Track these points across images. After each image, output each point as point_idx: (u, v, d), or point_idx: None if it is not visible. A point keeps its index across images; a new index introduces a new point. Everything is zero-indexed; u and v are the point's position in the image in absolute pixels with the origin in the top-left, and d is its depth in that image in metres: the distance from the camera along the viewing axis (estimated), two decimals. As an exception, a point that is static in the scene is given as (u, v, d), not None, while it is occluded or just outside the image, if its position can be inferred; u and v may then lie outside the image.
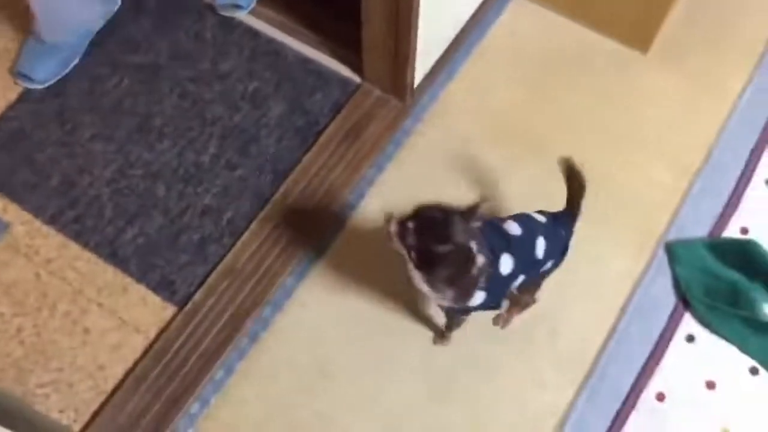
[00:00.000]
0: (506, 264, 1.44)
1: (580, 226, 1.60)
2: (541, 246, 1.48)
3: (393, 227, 1.39)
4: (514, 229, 1.49)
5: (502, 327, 1.75)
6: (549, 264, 1.53)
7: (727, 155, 1.96)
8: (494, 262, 1.41)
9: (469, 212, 1.38)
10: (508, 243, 1.45)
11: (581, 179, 1.46)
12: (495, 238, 1.44)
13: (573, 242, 1.59)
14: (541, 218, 1.52)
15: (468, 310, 1.54)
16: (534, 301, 1.70)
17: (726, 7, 2.16)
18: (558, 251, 1.53)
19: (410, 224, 1.37)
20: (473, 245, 1.37)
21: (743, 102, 2.02)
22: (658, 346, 1.75)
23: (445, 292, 1.41)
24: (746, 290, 1.77)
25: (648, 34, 2.02)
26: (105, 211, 1.87)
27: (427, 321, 1.76)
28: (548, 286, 1.66)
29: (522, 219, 1.52)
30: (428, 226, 1.36)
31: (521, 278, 1.50)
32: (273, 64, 2.07)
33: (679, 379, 1.73)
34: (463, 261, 1.36)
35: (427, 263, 1.37)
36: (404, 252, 1.40)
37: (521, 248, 1.46)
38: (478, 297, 1.44)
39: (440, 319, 1.70)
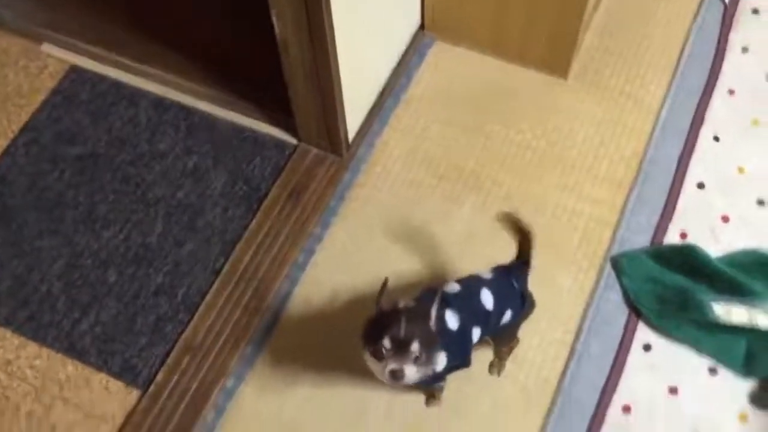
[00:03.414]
0: (452, 319, 1.45)
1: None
2: (487, 298, 1.49)
3: (369, 359, 1.38)
4: (452, 288, 1.52)
5: (499, 374, 1.76)
6: (509, 314, 1.54)
7: (657, 165, 2.03)
8: (440, 319, 1.42)
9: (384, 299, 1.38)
10: (447, 301, 1.46)
11: (526, 229, 1.49)
12: (430, 298, 1.44)
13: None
14: (487, 274, 1.55)
15: (438, 377, 1.54)
16: (517, 341, 1.73)
17: (635, 25, 2.25)
18: (515, 301, 1.54)
19: (386, 342, 1.33)
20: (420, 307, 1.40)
21: (664, 112, 2.10)
22: (618, 360, 1.78)
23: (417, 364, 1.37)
24: (693, 293, 1.81)
25: (564, 61, 2.09)
26: (58, 305, 1.88)
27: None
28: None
29: (462, 279, 1.55)
30: (397, 338, 1.34)
31: (477, 331, 1.50)
32: (209, 138, 2.11)
33: (642, 389, 1.76)
34: (422, 324, 1.37)
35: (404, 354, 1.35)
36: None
37: (463, 302, 1.48)
38: (441, 358, 1.42)
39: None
